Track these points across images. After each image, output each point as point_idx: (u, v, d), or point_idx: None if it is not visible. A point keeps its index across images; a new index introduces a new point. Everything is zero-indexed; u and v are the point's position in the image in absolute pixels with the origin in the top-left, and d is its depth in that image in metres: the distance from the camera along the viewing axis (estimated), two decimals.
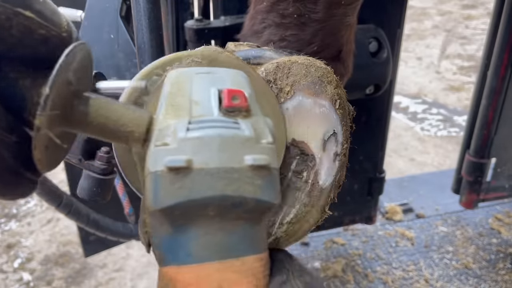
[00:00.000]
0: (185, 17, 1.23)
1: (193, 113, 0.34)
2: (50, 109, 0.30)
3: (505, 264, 1.82)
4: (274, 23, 0.62)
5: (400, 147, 3.06)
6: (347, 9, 0.61)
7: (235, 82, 0.38)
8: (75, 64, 0.33)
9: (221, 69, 0.40)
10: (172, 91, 0.36)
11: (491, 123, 1.54)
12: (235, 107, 0.34)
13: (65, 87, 0.32)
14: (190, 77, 0.37)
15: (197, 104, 0.35)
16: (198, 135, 0.32)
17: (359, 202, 1.59)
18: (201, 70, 0.39)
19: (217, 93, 0.35)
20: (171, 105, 0.35)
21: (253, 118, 0.35)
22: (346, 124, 0.51)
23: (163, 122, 0.34)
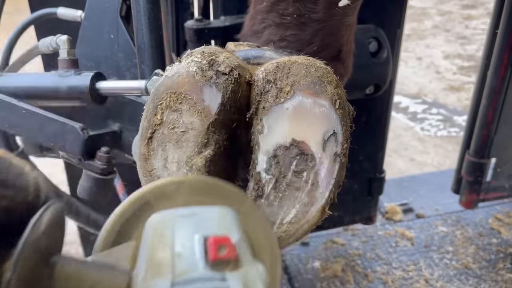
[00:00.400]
0: (185, 17, 1.23)
1: (176, 270, 0.31)
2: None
3: (505, 264, 1.82)
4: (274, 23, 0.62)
5: (400, 147, 3.06)
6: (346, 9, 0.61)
7: (222, 225, 0.35)
8: (46, 229, 0.31)
9: (206, 209, 0.37)
10: (153, 241, 0.34)
11: (491, 123, 1.54)
12: (222, 260, 0.31)
13: (33, 260, 0.30)
14: (172, 223, 0.34)
15: (180, 257, 0.32)
16: None
17: (359, 202, 1.59)
18: (184, 212, 0.36)
19: (202, 241, 0.32)
20: (152, 262, 0.32)
21: (243, 269, 0.32)
22: (346, 124, 0.51)
23: (144, 283, 0.31)
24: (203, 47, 0.55)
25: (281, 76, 0.51)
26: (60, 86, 0.76)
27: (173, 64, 0.53)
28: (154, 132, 0.53)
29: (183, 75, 0.51)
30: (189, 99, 0.51)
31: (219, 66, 0.51)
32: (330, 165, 0.51)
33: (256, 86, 0.53)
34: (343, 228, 2.00)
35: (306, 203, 0.52)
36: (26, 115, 0.75)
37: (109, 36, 0.86)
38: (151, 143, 0.54)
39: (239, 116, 0.55)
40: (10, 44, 0.98)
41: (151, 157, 0.54)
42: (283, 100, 0.51)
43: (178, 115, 0.52)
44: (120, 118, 0.82)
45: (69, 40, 0.80)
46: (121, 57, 0.86)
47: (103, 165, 0.74)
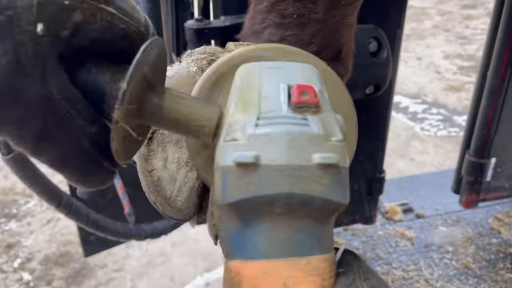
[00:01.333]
0: (185, 17, 1.23)
1: (262, 109, 0.34)
2: (127, 103, 0.32)
3: (505, 264, 1.82)
4: (274, 23, 0.62)
5: (400, 147, 3.06)
6: (347, 9, 0.61)
7: (305, 77, 0.37)
8: (151, 59, 0.34)
9: (291, 64, 0.39)
10: (242, 86, 0.37)
11: (491, 123, 1.54)
12: (305, 103, 0.34)
13: (141, 82, 0.33)
14: (260, 72, 0.37)
15: (267, 99, 0.35)
16: (267, 131, 0.32)
17: (359, 202, 1.59)
18: (271, 64, 0.39)
19: (287, 88, 0.35)
20: (241, 100, 0.35)
21: (323, 114, 0.34)
22: None
23: (233, 117, 0.34)
24: (203, 47, 0.55)
25: None
26: None
27: (173, 64, 0.53)
28: (154, 133, 0.53)
29: (183, 75, 0.51)
30: None
31: None
32: None
33: None
34: (343, 228, 2.00)
35: None
36: None
37: None
38: (151, 143, 0.53)
39: None
40: None
41: (151, 157, 0.54)
42: None
43: None
44: None
45: None
46: None
47: None
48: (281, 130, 0.32)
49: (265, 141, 0.32)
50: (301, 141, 0.32)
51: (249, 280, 0.32)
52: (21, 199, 2.64)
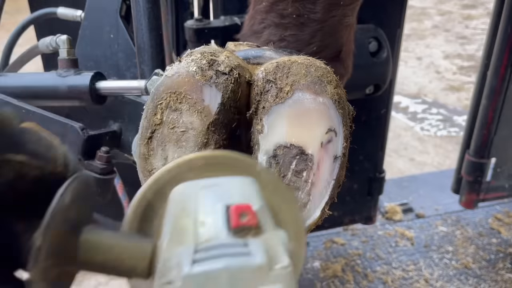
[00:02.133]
0: (185, 17, 1.23)
1: (199, 238, 0.32)
2: (43, 260, 0.29)
3: (504, 264, 1.82)
4: (273, 23, 0.62)
5: (400, 147, 3.06)
6: (346, 10, 0.61)
7: (244, 193, 0.35)
8: (71, 201, 0.31)
9: (227, 180, 0.37)
10: (176, 212, 0.35)
11: (491, 123, 1.54)
12: (244, 226, 0.32)
13: (60, 230, 0.30)
14: (195, 193, 0.35)
15: (203, 226, 0.33)
16: (204, 269, 0.29)
17: (359, 202, 1.59)
18: (206, 183, 0.37)
19: (224, 210, 0.33)
20: (175, 229, 0.33)
21: (265, 235, 0.33)
22: (346, 123, 0.51)
23: (167, 251, 0.32)
24: (203, 47, 0.55)
25: (281, 76, 0.51)
26: (60, 85, 0.76)
27: (173, 64, 0.53)
28: (154, 132, 0.53)
29: (183, 74, 0.51)
30: (189, 98, 0.51)
31: (219, 66, 0.51)
32: (330, 165, 0.51)
33: (256, 86, 0.53)
34: (343, 228, 2.00)
35: (306, 202, 0.52)
36: (25, 114, 0.75)
37: (109, 36, 0.86)
38: (151, 142, 0.54)
39: (239, 116, 0.55)
40: (10, 43, 0.98)
41: (151, 156, 0.54)
42: (283, 99, 0.51)
43: (178, 114, 0.52)
44: (120, 118, 0.82)
45: (69, 40, 0.80)
46: (121, 57, 0.86)
47: (103, 165, 0.74)
48: (220, 266, 0.29)
49: (203, 282, 0.29)
50: (243, 276, 0.30)
51: None
52: None
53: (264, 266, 0.30)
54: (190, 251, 0.31)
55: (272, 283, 0.30)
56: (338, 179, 0.52)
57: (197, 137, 0.52)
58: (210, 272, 0.29)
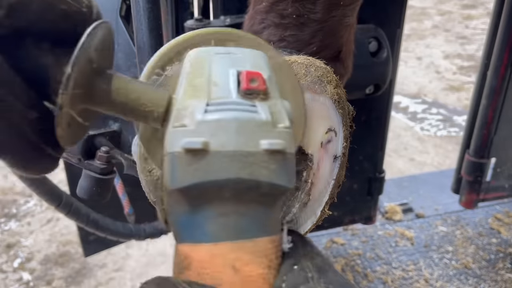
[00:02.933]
0: (184, 16, 1.23)
1: (212, 95, 0.34)
2: (72, 88, 0.31)
3: (504, 264, 1.82)
4: (273, 24, 0.62)
5: (400, 147, 3.06)
6: (346, 10, 0.61)
7: (254, 63, 0.38)
8: (97, 42, 0.33)
9: (241, 50, 0.40)
10: (192, 71, 0.37)
11: (491, 123, 1.54)
12: (253, 90, 0.34)
13: (87, 66, 0.32)
14: (210, 58, 0.37)
15: (216, 85, 0.35)
16: (216, 117, 0.32)
17: (358, 202, 1.59)
18: (220, 50, 0.39)
19: (236, 74, 0.35)
20: (190, 86, 0.36)
21: (271, 101, 0.35)
22: (346, 123, 0.51)
23: (182, 102, 0.35)
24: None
25: None
26: None
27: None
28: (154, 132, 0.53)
29: None
30: None
31: None
32: (329, 165, 0.51)
33: None
34: (343, 228, 2.00)
35: (306, 202, 0.52)
36: None
37: None
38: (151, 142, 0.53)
39: None
40: None
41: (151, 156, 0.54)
42: None
43: None
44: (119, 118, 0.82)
45: None
46: (120, 57, 0.86)
47: (103, 165, 0.74)
48: (230, 116, 0.32)
49: (214, 127, 0.32)
50: (249, 128, 0.32)
51: (198, 263, 0.33)
52: (21, 199, 2.64)
53: (268, 123, 0.33)
54: (203, 103, 0.33)
55: (274, 138, 0.33)
56: (338, 179, 0.52)
57: None
58: (221, 120, 0.32)
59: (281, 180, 0.33)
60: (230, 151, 0.32)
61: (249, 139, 0.32)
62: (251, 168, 0.32)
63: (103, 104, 0.35)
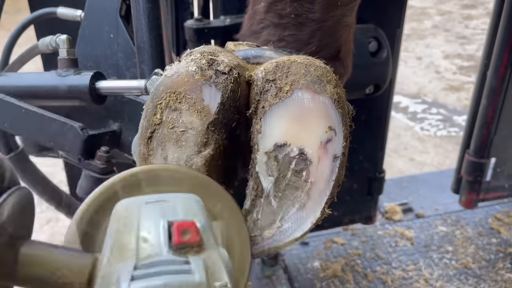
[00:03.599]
0: (184, 16, 1.23)
1: (141, 254, 0.32)
2: None
3: (504, 264, 1.82)
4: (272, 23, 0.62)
5: (400, 147, 3.06)
6: (344, 10, 0.61)
7: (188, 210, 0.35)
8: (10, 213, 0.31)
9: (172, 196, 0.37)
10: (119, 227, 0.34)
11: (491, 123, 1.54)
12: (186, 244, 0.32)
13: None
14: (138, 209, 0.35)
15: (145, 242, 0.32)
16: (142, 286, 0.29)
17: (358, 201, 1.59)
18: (150, 198, 0.37)
19: (167, 226, 0.33)
20: (117, 245, 0.33)
21: (206, 253, 0.33)
22: (346, 123, 0.51)
23: (107, 267, 0.32)
24: (203, 47, 0.55)
25: (281, 76, 0.51)
26: (60, 85, 0.76)
27: (173, 64, 0.53)
28: (153, 132, 0.53)
29: (182, 74, 0.51)
30: (189, 98, 0.51)
31: (218, 65, 0.51)
32: (329, 165, 0.51)
33: (255, 86, 0.53)
34: (343, 228, 2.00)
35: (306, 202, 0.52)
36: (25, 114, 0.75)
37: (109, 35, 0.86)
38: (150, 142, 0.54)
39: (238, 115, 0.55)
40: (10, 43, 0.98)
41: (151, 156, 0.54)
42: (283, 99, 0.51)
43: (177, 114, 0.52)
44: (119, 117, 0.82)
45: (69, 39, 0.80)
46: (120, 57, 0.86)
47: (103, 165, 0.74)
48: (159, 283, 0.29)
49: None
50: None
51: None
52: None
53: (203, 284, 0.30)
54: (130, 267, 0.30)
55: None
56: (338, 179, 0.52)
57: (197, 136, 0.52)
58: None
59: None
60: None
61: None
62: None
63: (14, 280, 0.32)
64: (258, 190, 0.54)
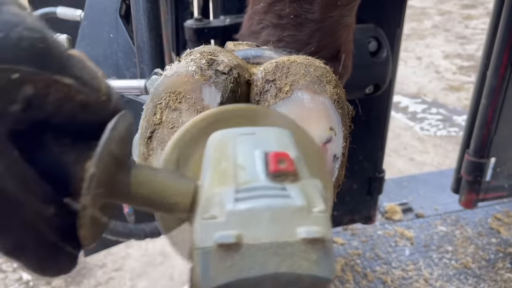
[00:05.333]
0: (184, 16, 1.23)
1: (239, 180, 0.32)
2: (95, 187, 0.30)
3: (504, 264, 1.82)
4: (271, 24, 0.62)
5: (400, 147, 3.06)
6: (344, 10, 0.61)
7: (280, 143, 0.36)
8: (119, 136, 0.32)
9: (265, 129, 0.38)
10: (216, 155, 0.35)
11: (491, 123, 1.54)
12: (282, 172, 0.32)
13: (110, 161, 0.31)
14: (233, 140, 0.36)
15: (243, 169, 0.33)
16: (247, 207, 0.30)
17: (358, 201, 1.59)
18: (244, 131, 0.37)
19: (263, 156, 0.34)
20: (216, 171, 0.34)
21: (302, 182, 0.33)
22: (346, 123, 0.51)
23: (209, 191, 0.32)
24: (203, 47, 0.55)
25: (280, 76, 0.51)
26: None
27: (173, 64, 0.53)
28: (153, 132, 0.53)
29: (182, 74, 0.51)
30: (189, 98, 0.51)
31: (218, 65, 0.51)
32: (329, 165, 0.51)
33: (255, 86, 0.53)
34: (343, 227, 2.00)
35: None
36: None
37: (109, 35, 0.86)
38: (150, 142, 0.54)
39: None
40: None
41: (151, 156, 0.54)
42: (283, 99, 0.51)
43: (177, 114, 0.52)
44: None
45: (69, 39, 0.80)
46: (120, 57, 0.86)
47: None
48: (261, 204, 0.30)
49: (246, 218, 0.30)
50: (284, 216, 0.30)
51: None
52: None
53: (304, 208, 0.31)
54: (232, 191, 0.31)
55: (311, 225, 0.31)
56: (338, 179, 0.52)
57: None
58: (253, 210, 0.30)
59: (323, 272, 0.30)
60: (266, 243, 0.30)
61: (285, 228, 0.30)
62: (290, 261, 0.30)
63: (126, 198, 0.34)
64: None
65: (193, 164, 0.41)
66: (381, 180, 1.57)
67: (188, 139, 0.42)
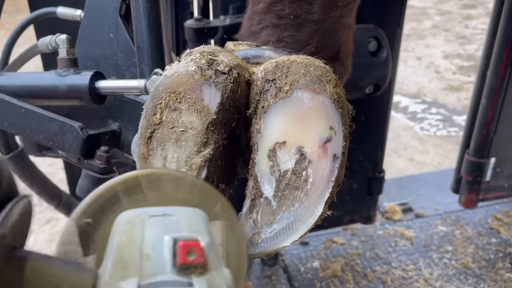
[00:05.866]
0: (184, 16, 1.23)
1: (144, 271, 0.31)
2: None
3: (504, 264, 1.82)
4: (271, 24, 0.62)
5: (400, 147, 3.06)
6: (343, 10, 0.61)
7: (192, 226, 0.34)
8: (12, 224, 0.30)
9: (176, 210, 0.36)
10: (121, 242, 0.33)
11: (491, 123, 1.54)
12: (191, 264, 0.31)
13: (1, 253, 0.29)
14: (142, 223, 0.34)
15: (149, 259, 0.31)
16: None
17: (358, 201, 1.59)
18: (155, 211, 0.36)
19: (171, 244, 0.32)
20: (119, 261, 0.32)
21: (210, 274, 0.32)
22: (346, 123, 0.51)
23: (109, 284, 0.31)
24: (202, 47, 0.55)
25: (280, 76, 0.51)
26: (60, 85, 0.76)
27: (172, 64, 0.53)
28: (153, 132, 0.53)
29: (182, 74, 0.51)
30: (188, 98, 0.51)
31: (218, 65, 0.51)
32: (329, 164, 0.51)
33: (255, 86, 0.53)
34: (343, 227, 2.00)
35: (306, 202, 0.52)
36: (25, 114, 0.75)
37: (109, 35, 0.86)
38: (150, 142, 0.54)
39: (238, 115, 0.55)
40: (9, 43, 0.98)
41: (151, 156, 0.54)
42: (282, 99, 0.51)
43: (177, 114, 0.52)
44: (119, 117, 0.82)
45: (69, 39, 0.80)
46: (120, 56, 0.86)
47: (102, 165, 0.74)
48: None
49: None
50: None
51: None
52: None
53: None
54: (134, 286, 0.30)
55: None
56: (338, 179, 0.52)
57: (197, 136, 0.52)
58: None
59: None
60: None
61: None
62: None
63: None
64: (258, 190, 0.54)
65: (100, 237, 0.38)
66: (381, 180, 1.57)
67: (99, 207, 0.39)
